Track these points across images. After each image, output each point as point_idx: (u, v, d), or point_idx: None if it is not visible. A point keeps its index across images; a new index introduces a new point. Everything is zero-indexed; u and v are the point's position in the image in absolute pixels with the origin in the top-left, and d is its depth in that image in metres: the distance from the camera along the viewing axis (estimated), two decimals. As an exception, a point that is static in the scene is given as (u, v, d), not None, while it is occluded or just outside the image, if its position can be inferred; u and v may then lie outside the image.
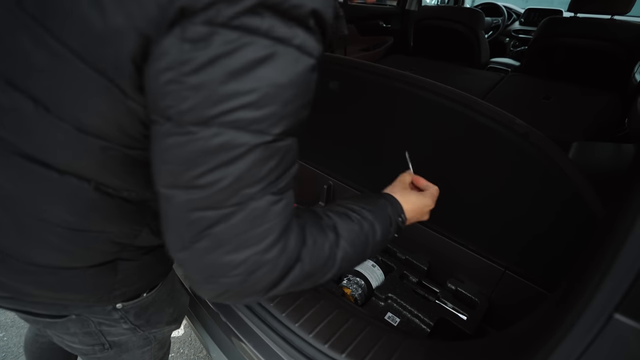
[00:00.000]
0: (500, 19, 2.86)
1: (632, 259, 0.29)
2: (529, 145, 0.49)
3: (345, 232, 0.41)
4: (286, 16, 0.29)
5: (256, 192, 0.32)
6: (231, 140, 0.29)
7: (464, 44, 2.09)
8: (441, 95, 0.61)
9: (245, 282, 0.34)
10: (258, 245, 0.32)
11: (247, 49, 0.28)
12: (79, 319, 0.57)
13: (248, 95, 0.29)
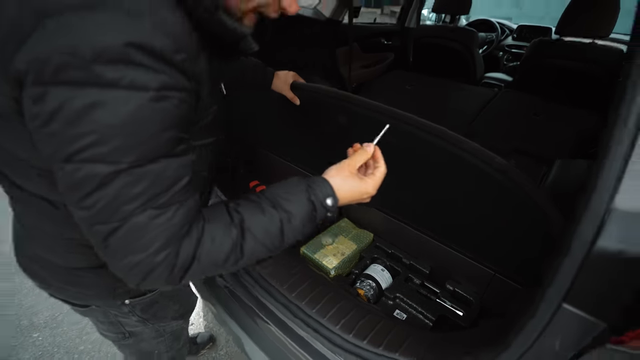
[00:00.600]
0: (494, 35, 3.02)
1: (572, 264, 0.43)
2: (507, 180, 0.63)
3: (253, 225, 0.46)
4: (106, 60, 0.32)
5: (135, 209, 0.38)
6: (91, 171, 0.35)
7: (460, 61, 2.23)
8: (436, 136, 0.74)
9: (147, 278, 0.41)
10: (146, 251, 0.39)
11: (75, 100, 0.33)
12: (101, 310, 0.72)
13: (90, 136, 0.34)
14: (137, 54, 0.34)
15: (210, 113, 0.51)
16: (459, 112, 1.78)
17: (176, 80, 0.37)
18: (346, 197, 0.54)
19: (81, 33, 0.32)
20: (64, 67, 0.32)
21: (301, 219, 0.49)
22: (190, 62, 0.40)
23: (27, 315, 1.61)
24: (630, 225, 0.41)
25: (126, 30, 0.33)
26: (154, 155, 0.38)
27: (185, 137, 0.42)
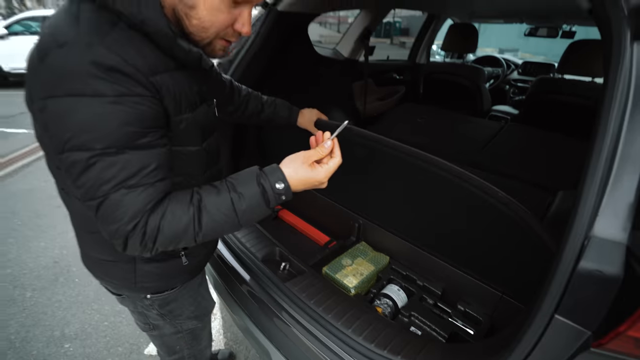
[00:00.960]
0: (500, 70, 3.19)
1: (561, 282, 0.53)
2: (509, 210, 0.74)
3: (208, 204, 0.56)
4: (76, 77, 0.47)
5: (111, 188, 0.50)
6: (77, 157, 0.49)
7: (468, 95, 2.38)
8: (446, 171, 0.86)
9: (127, 244, 0.53)
10: (121, 221, 0.51)
11: (60, 107, 0.48)
12: (130, 300, 0.86)
13: (71, 131, 0.48)
14: (97, 69, 0.47)
15: (182, 120, 0.60)
16: (467, 143, 1.89)
17: (128, 88, 0.49)
18: (299, 183, 0.63)
19: (59, 61, 0.47)
20: (52, 86, 0.48)
21: (251, 199, 0.59)
22: (144, 74, 0.51)
23: (59, 326, 1.72)
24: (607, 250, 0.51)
25: (87, 55, 0.47)
26: (120, 145, 0.50)
27: (151, 133, 0.53)
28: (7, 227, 2.48)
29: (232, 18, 0.57)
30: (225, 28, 0.58)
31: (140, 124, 0.51)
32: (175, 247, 0.58)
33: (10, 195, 2.93)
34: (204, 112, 0.67)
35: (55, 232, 2.44)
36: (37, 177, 3.22)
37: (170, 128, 0.59)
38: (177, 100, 0.58)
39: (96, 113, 0.48)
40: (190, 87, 0.61)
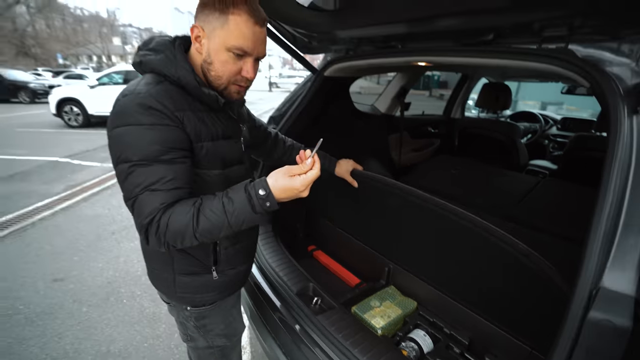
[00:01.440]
0: (537, 125, 3.21)
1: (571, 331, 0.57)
2: (530, 263, 0.79)
3: (205, 206, 0.69)
4: (127, 113, 0.68)
5: (140, 190, 0.68)
6: (122, 168, 0.68)
7: (503, 149, 2.41)
8: (470, 222, 0.93)
9: (148, 236, 0.69)
10: (141, 215, 0.68)
11: (115, 134, 0.69)
12: (175, 310, 1.00)
13: (120, 150, 0.69)
14: (140, 108, 0.68)
15: (202, 147, 0.77)
16: (502, 196, 1.90)
17: (159, 119, 0.69)
18: (280, 191, 0.71)
19: (120, 105, 0.70)
20: (114, 120, 0.70)
21: (239, 203, 0.70)
22: (171, 110, 0.71)
23: (106, 342, 1.87)
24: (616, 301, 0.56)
25: (136, 99, 0.69)
26: (149, 159, 0.68)
27: (172, 152, 0.70)
28: (74, 247, 2.82)
29: (239, 67, 0.77)
30: (235, 75, 0.77)
31: (164, 144, 0.69)
32: (182, 242, 0.70)
33: (80, 219, 3.34)
34: (226, 145, 0.84)
35: (111, 255, 2.72)
36: (102, 205, 3.65)
37: (195, 152, 0.77)
38: (197, 130, 0.75)
39: (135, 135, 0.68)
40: (212, 123, 0.80)
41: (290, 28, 1.37)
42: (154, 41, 0.80)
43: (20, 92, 13.32)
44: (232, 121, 0.88)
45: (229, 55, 0.74)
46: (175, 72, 0.74)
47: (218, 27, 0.72)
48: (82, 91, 7.96)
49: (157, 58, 0.76)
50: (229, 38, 0.72)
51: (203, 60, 0.76)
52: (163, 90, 0.72)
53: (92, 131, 7.67)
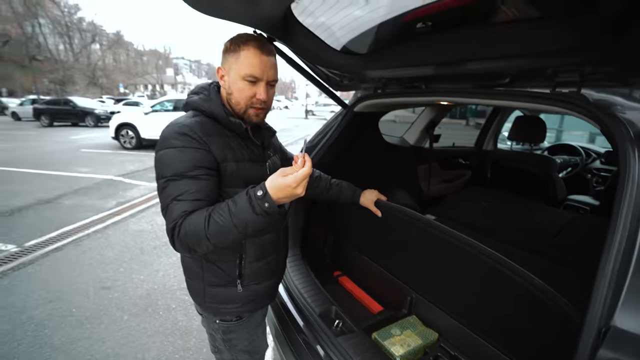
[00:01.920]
0: (578, 158, 3.06)
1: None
2: (548, 300, 0.80)
3: (215, 210, 0.78)
4: (168, 139, 0.85)
5: (170, 200, 0.81)
6: (161, 182, 0.83)
7: (538, 183, 2.33)
8: (484, 255, 0.95)
9: (173, 238, 0.80)
10: (168, 220, 0.81)
11: (158, 156, 0.86)
12: (206, 321, 1.11)
13: (159, 167, 0.85)
14: (176, 135, 0.85)
15: (227, 167, 0.89)
16: (534, 231, 1.83)
17: (189, 143, 0.84)
18: (276, 191, 0.77)
19: (164, 133, 0.87)
20: (158, 145, 0.87)
21: (241, 205, 0.77)
22: (200, 136, 0.85)
23: (142, 350, 2.01)
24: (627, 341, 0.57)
25: (175, 128, 0.86)
26: (178, 174, 0.82)
27: (197, 169, 0.82)
28: (120, 258, 3.09)
29: (253, 92, 0.91)
30: (251, 99, 0.91)
31: (191, 163, 0.83)
32: (199, 245, 0.79)
33: (126, 233, 3.66)
34: (250, 167, 0.95)
35: (151, 269, 2.93)
36: (147, 221, 3.97)
37: (221, 172, 0.88)
38: (223, 153, 0.89)
39: (170, 156, 0.84)
40: (238, 148, 0.93)
41: (325, 69, 1.52)
42: (197, 87, 1.00)
43: (87, 117, 15.11)
44: (258, 148, 1.01)
45: (244, 83, 0.89)
46: (209, 106, 0.92)
47: (233, 63, 0.90)
48: (137, 117, 8.87)
49: (197, 98, 0.95)
50: (241, 68, 0.89)
51: (227, 92, 0.93)
52: (196, 121, 0.89)
53: (142, 153, 8.43)
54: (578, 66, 0.81)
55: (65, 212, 4.23)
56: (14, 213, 4.14)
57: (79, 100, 16.17)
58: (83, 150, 8.79)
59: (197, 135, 0.85)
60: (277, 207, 0.78)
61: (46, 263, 2.97)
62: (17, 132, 12.87)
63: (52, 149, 8.99)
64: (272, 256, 1.06)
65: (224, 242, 0.80)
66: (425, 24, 1.03)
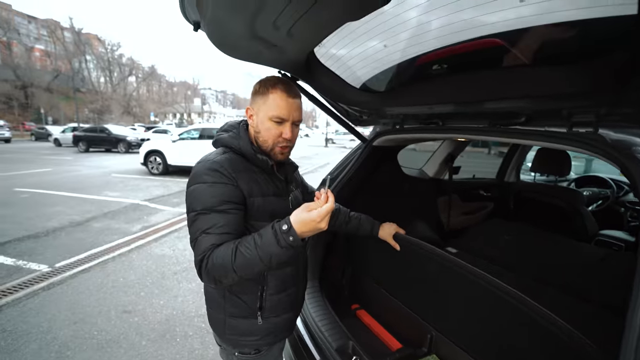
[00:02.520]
0: (608, 191, 2.92)
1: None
2: (571, 342, 0.76)
3: (242, 243, 0.82)
4: (199, 175, 0.90)
5: (199, 233, 0.85)
6: (191, 216, 0.88)
7: (565, 217, 2.24)
8: (508, 294, 0.93)
9: (201, 270, 0.83)
10: (196, 253, 0.85)
11: (190, 190, 0.91)
12: (225, 353, 1.11)
13: (190, 201, 0.89)
14: (208, 171, 0.89)
15: (254, 202, 0.93)
16: (561, 267, 1.74)
17: (219, 178, 0.89)
18: (300, 225, 0.80)
19: (195, 169, 0.93)
20: (190, 180, 0.92)
21: (266, 238, 0.81)
22: (230, 172, 0.90)
23: (158, 378, 2.01)
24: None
25: (206, 165, 0.91)
26: (208, 208, 0.86)
27: (225, 204, 0.87)
28: (142, 282, 3.17)
29: (279, 132, 0.96)
30: (277, 138, 0.97)
31: (220, 198, 0.88)
32: (225, 277, 0.83)
33: (149, 257, 3.76)
34: (275, 201, 1.00)
35: (171, 294, 2.98)
36: (169, 246, 4.09)
37: (248, 206, 0.93)
38: (250, 188, 0.93)
39: (201, 190, 0.88)
40: (264, 183, 0.98)
41: (345, 105, 1.60)
42: (227, 125, 1.08)
43: (120, 143, 16.09)
44: (282, 183, 1.06)
45: (271, 123, 0.96)
46: (238, 144, 0.98)
47: (262, 104, 0.96)
48: (165, 144, 9.35)
49: (227, 135, 1.02)
50: (269, 110, 0.95)
51: (254, 131, 0.99)
52: (226, 158, 0.94)
53: (168, 179, 8.80)
54: (593, 108, 0.82)
55: (94, 234, 4.43)
56: (49, 234, 4.38)
57: (113, 127, 17.34)
58: (114, 175, 9.28)
59: (227, 171, 0.90)
60: (301, 240, 0.81)
61: (73, 284, 3.09)
62: (56, 157, 13.84)
63: (86, 173, 9.57)
64: (292, 289, 1.08)
65: (249, 274, 0.84)
66: (441, 65, 1.09)
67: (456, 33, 1.02)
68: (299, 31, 1.10)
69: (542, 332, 0.84)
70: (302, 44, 1.24)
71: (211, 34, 1.09)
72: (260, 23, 1.04)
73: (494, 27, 0.94)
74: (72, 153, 15.55)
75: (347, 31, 1.23)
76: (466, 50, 1.02)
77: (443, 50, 1.08)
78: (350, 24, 1.12)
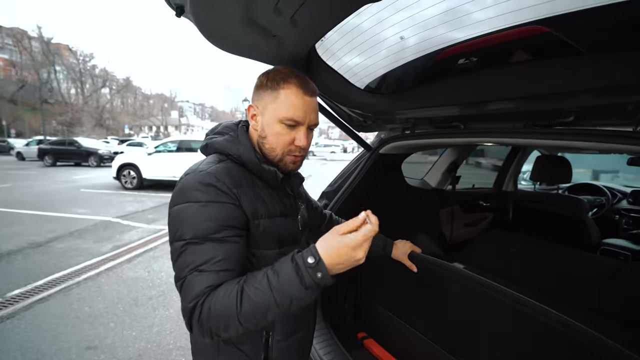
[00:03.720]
0: (603, 198, 2.91)
1: None
2: None
3: (249, 282, 0.62)
4: (187, 190, 0.68)
5: (189, 270, 0.63)
6: (176, 246, 0.66)
7: (568, 226, 2.17)
8: (541, 314, 0.77)
9: (191, 324, 0.62)
10: (186, 300, 0.63)
11: (174, 211, 0.68)
12: None
13: (176, 226, 0.66)
14: (200, 185, 0.68)
15: (260, 224, 0.73)
16: (575, 280, 1.64)
17: (215, 196, 0.67)
18: (331, 253, 0.60)
19: (183, 183, 0.71)
20: (175, 197, 0.70)
21: (285, 275, 0.61)
22: (229, 187, 0.69)
23: None
24: None
25: (198, 178, 0.69)
26: (201, 236, 0.64)
27: (225, 230, 0.66)
28: (112, 311, 2.80)
29: (292, 138, 0.76)
30: (289, 146, 0.77)
31: (218, 222, 0.66)
32: (226, 329, 0.61)
33: (121, 280, 3.38)
34: (283, 222, 0.80)
35: (145, 323, 2.64)
36: (143, 267, 3.71)
37: (251, 230, 0.72)
38: (254, 207, 0.73)
39: (191, 212, 0.66)
40: (270, 200, 0.77)
41: (347, 108, 1.43)
42: (220, 126, 0.85)
43: (91, 157, 15.23)
44: (290, 199, 0.86)
45: (282, 127, 0.75)
46: (237, 149, 0.77)
47: (270, 102, 0.75)
48: (140, 157, 8.87)
49: (222, 139, 0.79)
50: (280, 110, 0.74)
51: (258, 135, 0.78)
52: (223, 167, 0.73)
53: (143, 193, 8.29)
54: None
55: (57, 257, 3.97)
56: (2, 258, 3.88)
57: (84, 140, 16.44)
58: (83, 190, 8.65)
59: (226, 186, 0.70)
60: (331, 278, 0.61)
61: (28, 317, 2.68)
62: (18, 171, 12.85)
63: (51, 189, 8.86)
64: (302, 331, 0.86)
65: (259, 323, 0.62)
66: (469, 59, 0.95)
67: (491, 19, 0.88)
68: (304, 17, 0.92)
69: None
70: (306, 35, 1.07)
71: (198, 18, 0.90)
72: (259, 5, 0.86)
73: (538, 11, 0.81)
74: (37, 167, 14.52)
75: (357, 21, 1.08)
76: (501, 40, 0.88)
77: (473, 42, 0.94)
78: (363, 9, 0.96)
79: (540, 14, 0.81)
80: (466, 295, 1.04)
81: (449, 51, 1.02)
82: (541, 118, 0.94)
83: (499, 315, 0.96)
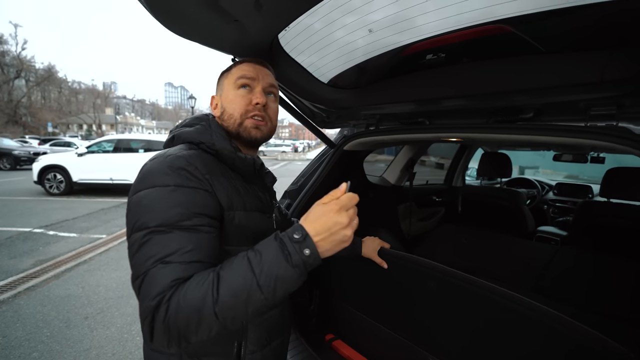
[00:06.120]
0: (535, 190, 3.28)
1: None
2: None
3: (227, 268, 0.55)
4: (155, 174, 0.61)
5: (152, 263, 0.54)
6: (136, 237, 0.56)
7: (509, 216, 2.39)
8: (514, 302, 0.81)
9: (153, 325, 0.51)
10: (148, 296, 0.52)
11: (135, 199, 0.60)
12: None
13: (137, 215, 0.58)
14: (168, 169, 0.61)
15: (234, 216, 0.67)
16: (522, 267, 1.79)
17: (187, 180, 0.61)
18: (315, 224, 0.56)
19: (148, 167, 0.63)
20: (137, 184, 0.62)
21: (269, 255, 0.54)
22: (202, 172, 0.63)
23: None
24: None
25: (166, 161, 0.62)
26: (168, 224, 0.56)
27: (196, 217, 0.59)
28: (35, 338, 2.39)
29: (248, 100, 0.75)
30: (246, 106, 0.75)
31: (188, 208, 0.59)
32: (197, 326, 0.52)
33: (47, 301, 2.93)
34: (259, 218, 0.74)
35: (81, 347, 2.31)
36: (76, 283, 3.26)
37: (225, 223, 0.66)
38: (229, 197, 0.67)
39: (158, 197, 0.59)
40: (245, 193, 0.72)
41: (310, 103, 1.37)
42: (189, 118, 0.79)
43: (3, 158, 13.08)
44: (265, 194, 0.81)
45: (237, 91, 0.75)
46: (211, 137, 0.71)
47: (225, 80, 0.79)
48: (68, 159, 7.84)
49: (192, 129, 0.73)
50: (232, 77, 0.77)
51: (220, 114, 0.77)
52: (195, 153, 0.67)
53: (73, 199, 7.35)
54: (614, 99, 0.75)
55: (-40, 279, 3.32)
56: None
57: (-7, 140, 14.09)
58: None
59: (198, 171, 0.63)
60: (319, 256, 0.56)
61: None
62: None
63: (-50, 197, 7.44)
64: (278, 339, 0.79)
65: (238, 316, 0.53)
66: (437, 55, 0.95)
67: (457, 16, 0.89)
68: (270, 1, 0.85)
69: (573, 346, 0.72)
70: (269, 22, 0.99)
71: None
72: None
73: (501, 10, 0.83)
74: None
75: (323, 12, 1.03)
76: (466, 38, 0.90)
77: (439, 38, 0.94)
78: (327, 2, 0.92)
79: (503, 13, 0.84)
80: (439, 289, 1.05)
81: (415, 47, 1.01)
82: (503, 114, 0.98)
83: (474, 307, 0.98)
